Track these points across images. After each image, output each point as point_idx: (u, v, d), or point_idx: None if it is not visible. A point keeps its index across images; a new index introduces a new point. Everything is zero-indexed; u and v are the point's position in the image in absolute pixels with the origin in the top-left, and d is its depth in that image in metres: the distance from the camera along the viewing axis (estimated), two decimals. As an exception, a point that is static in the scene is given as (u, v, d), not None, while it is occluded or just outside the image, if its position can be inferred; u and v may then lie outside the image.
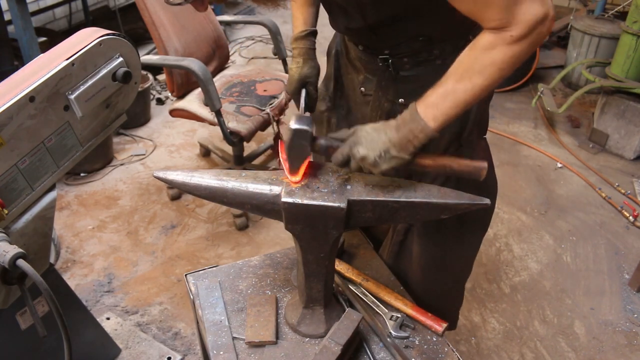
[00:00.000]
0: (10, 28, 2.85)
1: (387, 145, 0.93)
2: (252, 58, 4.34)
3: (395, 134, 0.93)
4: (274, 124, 2.45)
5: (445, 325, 1.15)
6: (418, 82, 1.11)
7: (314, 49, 1.26)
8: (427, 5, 0.97)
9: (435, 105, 0.91)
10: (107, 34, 1.20)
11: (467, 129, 1.17)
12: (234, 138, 2.25)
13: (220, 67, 2.69)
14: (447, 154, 1.17)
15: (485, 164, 0.97)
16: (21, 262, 0.98)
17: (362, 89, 1.22)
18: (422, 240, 1.30)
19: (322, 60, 1.25)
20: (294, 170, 1.00)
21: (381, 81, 1.16)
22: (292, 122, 0.98)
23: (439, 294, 1.36)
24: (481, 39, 0.87)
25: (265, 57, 4.31)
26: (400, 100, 1.16)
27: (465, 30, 1.07)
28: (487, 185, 1.29)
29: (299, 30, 1.26)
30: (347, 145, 0.96)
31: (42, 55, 1.17)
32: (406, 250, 1.36)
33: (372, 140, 0.94)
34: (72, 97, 1.15)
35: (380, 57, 1.12)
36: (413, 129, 0.92)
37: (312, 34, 1.25)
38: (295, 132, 0.97)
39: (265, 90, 2.51)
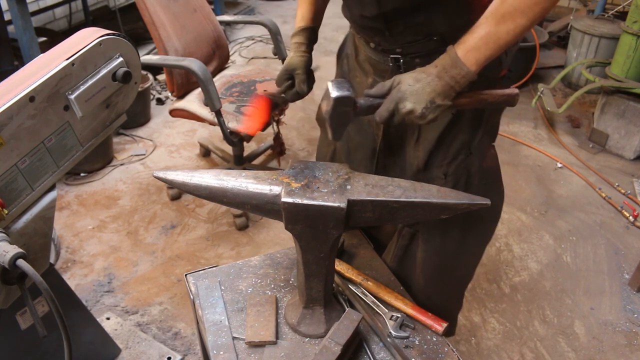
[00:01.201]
0: (10, 28, 2.85)
1: (432, 95, 0.94)
2: (252, 58, 4.34)
3: (438, 83, 0.94)
4: (274, 124, 2.45)
5: (445, 325, 1.15)
6: None
7: (306, 42, 1.27)
8: None
9: (477, 48, 0.91)
10: (107, 34, 1.20)
11: (477, 137, 1.16)
12: (234, 138, 2.25)
13: (220, 67, 2.69)
14: (457, 160, 1.17)
15: (517, 90, 1.00)
16: (21, 262, 0.97)
17: None
18: (426, 246, 1.29)
19: (322, 60, 1.25)
20: (337, 137, 1.01)
21: None
22: (332, 90, 0.97)
23: (441, 300, 1.35)
24: None
25: (265, 57, 4.31)
26: None
27: None
28: (496, 192, 1.28)
29: (296, 26, 1.28)
30: (391, 101, 0.97)
31: (42, 55, 1.17)
32: (410, 255, 1.35)
33: (417, 92, 0.94)
34: (72, 97, 1.15)
35: (392, 56, 1.12)
36: (455, 75, 0.93)
37: (305, 30, 1.26)
38: (338, 100, 0.97)
39: (265, 90, 2.50)
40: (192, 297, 1.25)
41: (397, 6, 1.02)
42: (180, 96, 2.42)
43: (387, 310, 1.19)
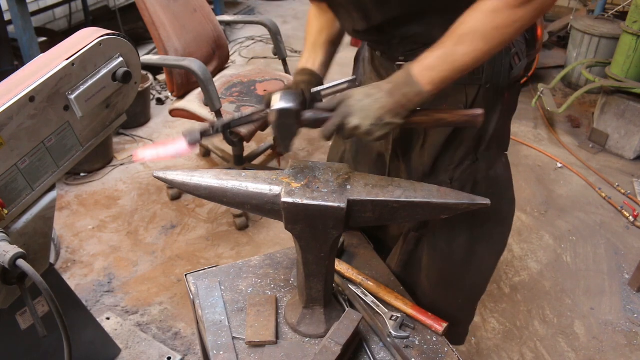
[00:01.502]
0: (10, 28, 2.85)
1: (381, 112, 0.91)
2: (252, 58, 4.34)
3: (388, 100, 0.91)
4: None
5: (445, 325, 1.15)
6: None
7: (300, 80, 1.20)
8: (430, 6, 0.96)
9: (433, 67, 0.88)
10: (107, 34, 1.20)
11: (484, 143, 1.15)
12: (234, 138, 2.25)
13: (220, 67, 2.68)
14: (463, 166, 1.16)
15: (481, 110, 0.95)
16: (21, 262, 0.98)
17: None
18: (431, 251, 1.28)
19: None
20: (285, 148, 0.99)
21: None
22: (275, 102, 0.95)
23: (447, 309, 1.31)
24: (485, 3, 0.84)
25: (265, 57, 4.31)
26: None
27: None
28: (506, 201, 1.27)
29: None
30: (337, 116, 0.94)
31: (42, 55, 1.17)
32: (416, 261, 1.33)
33: (365, 108, 0.92)
34: (72, 97, 1.15)
35: (397, 63, 1.11)
36: (407, 93, 0.90)
37: (302, 72, 1.17)
38: (280, 112, 0.95)
39: (265, 90, 2.51)
40: (192, 297, 1.25)
41: (386, 19, 1.00)
42: (180, 96, 2.42)
43: (387, 310, 1.19)
